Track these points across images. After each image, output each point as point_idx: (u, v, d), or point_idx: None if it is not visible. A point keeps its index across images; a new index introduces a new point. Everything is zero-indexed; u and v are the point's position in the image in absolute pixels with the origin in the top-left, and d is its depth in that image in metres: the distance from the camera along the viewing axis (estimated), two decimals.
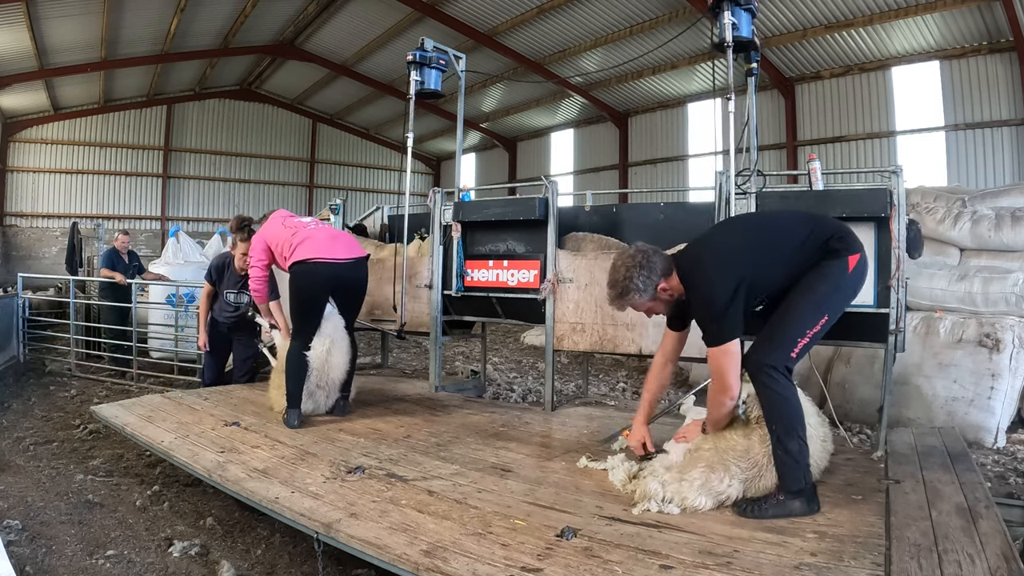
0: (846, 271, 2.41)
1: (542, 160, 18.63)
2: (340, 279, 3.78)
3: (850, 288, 2.47)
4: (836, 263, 2.42)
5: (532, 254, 4.21)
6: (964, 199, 5.99)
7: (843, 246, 2.43)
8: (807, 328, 2.38)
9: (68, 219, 15.01)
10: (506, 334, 10.74)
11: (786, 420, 2.33)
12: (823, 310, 2.40)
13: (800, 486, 2.32)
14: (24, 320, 7.70)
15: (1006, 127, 10.06)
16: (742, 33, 3.32)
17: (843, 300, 2.48)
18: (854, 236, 2.48)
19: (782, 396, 2.35)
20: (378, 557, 2.09)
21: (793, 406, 2.36)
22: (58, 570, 2.68)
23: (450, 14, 13.16)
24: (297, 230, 3.83)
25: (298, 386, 3.67)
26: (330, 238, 3.83)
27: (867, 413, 4.93)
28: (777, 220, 2.79)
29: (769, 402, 2.37)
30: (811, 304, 2.40)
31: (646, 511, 2.35)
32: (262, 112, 20.02)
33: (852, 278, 2.44)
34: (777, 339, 2.40)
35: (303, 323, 3.75)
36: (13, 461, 4.15)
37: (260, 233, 3.97)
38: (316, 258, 3.69)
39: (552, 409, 4.18)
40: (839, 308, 2.47)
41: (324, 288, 3.78)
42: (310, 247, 3.72)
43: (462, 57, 4.92)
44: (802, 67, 12.12)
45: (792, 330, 2.39)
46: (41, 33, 12.23)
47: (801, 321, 2.39)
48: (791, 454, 2.31)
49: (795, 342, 2.37)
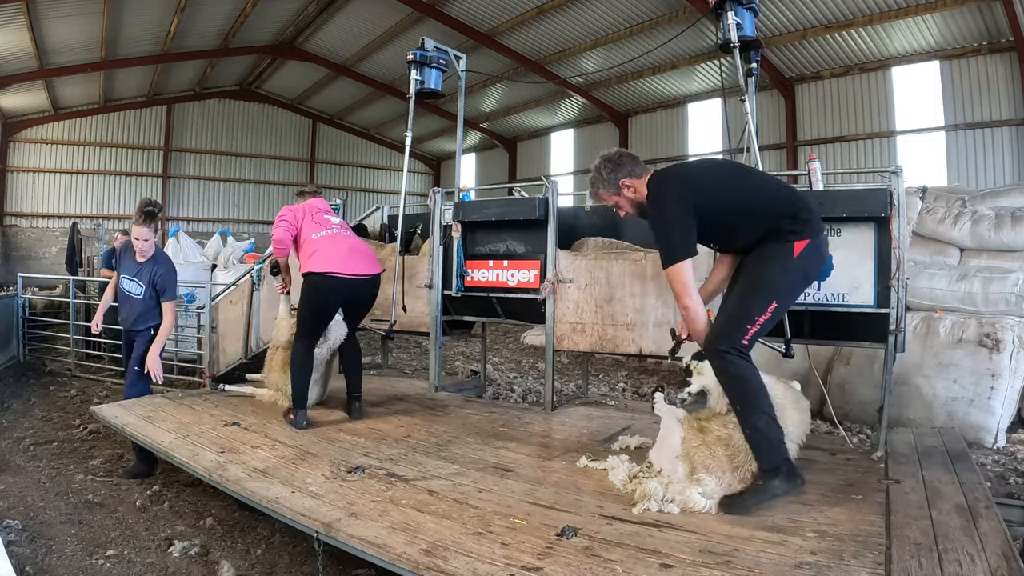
0: (791, 256, 2.43)
1: (542, 160, 18.64)
2: (354, 293, 3.79)
3: (798, 273, 2.48)
4: (782, 246, 2.44)
5: (532, 254, 4.21)
6: (964, 199, 5.99)
7: (795, 229, 2.44)
8: (755, 315, 2.42)
9: (68, 219, 15.03)
10: (506, 334, 10.74)
11: (748, 398, 2.38)
12: (770, 296, 2.43)
13: (775, 463, 2.35)
14: (24, 320, 7.70)
15: (1006, 127, 10.07)
16: (746, 32, 3.32)
17: (792, 286, 2.50)
18: (816, 223, 2.49)
19: (739, 376, 2.39)
20: (378, 556, 2.10)
21: (752, 384, 2.40)
22: (58, 570, 2.68)
23: (450, 14, 13.16)
24: (322, 229, 3.81)
25: (303, 386, 3.72)
26: (350, 250, 3.79)
27: (867, 413, 4.92)
28: (763, 177, 2.84)
29: (727, 384, 2.42)
30: (757, 291, 2.45)
31: (646, 510, 2.35)
32: (262, 112, 20.04)
33: (799, 263, 2.44)
34: (727, 326, 2.46)
35: (311, 328, 3.79)
36: (13, 461, 4.15)
37: (289, 206, 3.96)
38: (334, 273, 3.66)
39: (552, 409, 4.18)
40: (788, 294, 2.50)
41: (337, 302, 3.81)
42: (329, 259, 3.68)
43: (462, 57, 4.91)
44: (802, 67, 12.12)
45: (740, 317, 2.44)
46: (41, 33, 12.23)
47: (749, 308, 2.44)
48: (759, 431, 2.35)
49: (744, 329, 2.42)
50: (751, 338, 2.42)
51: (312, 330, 3.79)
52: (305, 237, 3.81)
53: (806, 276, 2.53)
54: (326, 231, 3.82)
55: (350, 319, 3.95)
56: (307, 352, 3.75)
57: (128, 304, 4.09)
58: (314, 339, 3.79)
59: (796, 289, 2.55)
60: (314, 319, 3.78)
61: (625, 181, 2.65)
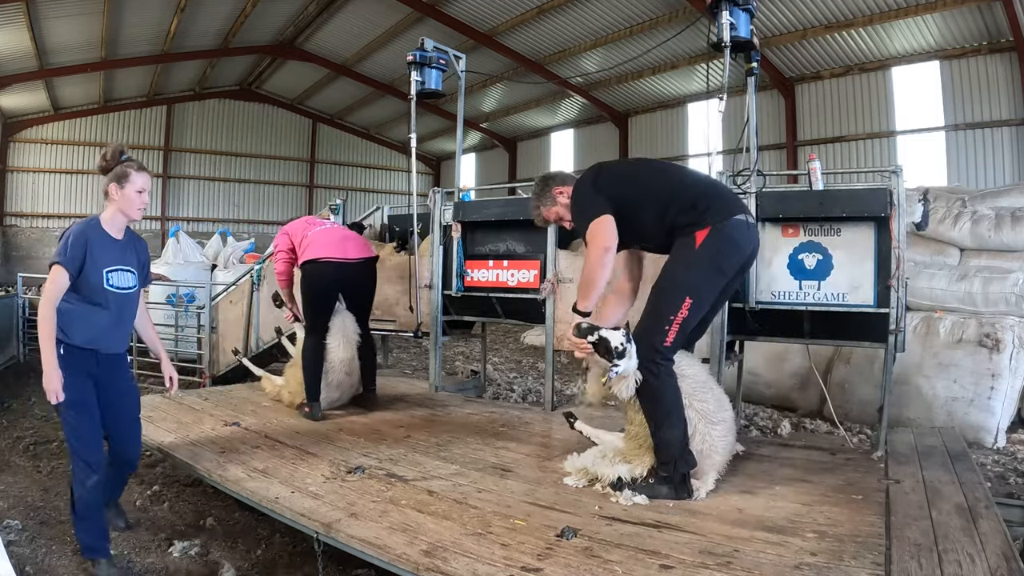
0: (692, 248, 2.41)
1: (542, 160, 18.62)
2: (347, 278, 3.97)
3: (706, 264, 2.43)
4: (685, 240, 2.45)
5: (532, 254, 4.21)
6: (964, 199, 5.98)
7: (694, 220, 2.43)
8: (670, 314, 2.42)
9: (68, 219, 15.02)
10: (506, 334, 10.73)
11: (662, 409, 2.42)
12: (681, 293, 2.42)
13: (669, 472, 2.42)
14: (24, 320, 7.71)
15: (1006, 127, 10.06)
16: (740, 33, 3.32)
17: (705, 278, 2.45)
18: (720, 209, 2.46)
19: (656, 387, 2.42)
20: (378, 557, 2.10)
21: (669, 396, 2.43)
22: (58, 570, 2.68)
23: (450, 14, 13.15)
24: (312, 228, 4.03)
25: (316, 379, 3.85)
26: (341, 238, 4.01)
27: (867, 413, 4.92)
28: (674, 173, 2.85)
29: (643, 393, 2.43)
30: (665, 290, 2.45)
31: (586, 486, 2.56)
32: (262, 112, 20.02)
33: (704, 253, 2.41)
34: (643, 333, 2.46)
35: (314, 318, 3.94)
36: (13, 461, 4.15)
37: (283, 228, 4.20)
38: (324, 257, 3.87)
39: (552, 409, 4.17)
40: (703, 287, 2.46)
41: (332, 286, 3.96)
42: (320, 246, 3.90)
43: (462, 57, 4.91)
44: (802, 67, 12.11)
45: (657, 317, 2.44)
46: (41, 33, 12.23)
47: (663, 308, 2.44)
48: (664, 440, 2.42)
49: (663, 331, 2.42)
50: (673, 340, 2.42)
51: (316, 321, 3.94)
52: (301, 240, 4.00)
53: (717, 266, 2.45)
54: (319, 227, 4.06)
55: (354, 308, 4.09)
56: (316, 346, 3.89)
57: (116, 311, 2.60)
58: (321, 332, 3.92)
59: (712, 281, 2.47)
60: (314, 308, 3.94)
61: (557, 189, 2.79)
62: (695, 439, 2.49)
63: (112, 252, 2.59)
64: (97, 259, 2.53)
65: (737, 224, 2.47)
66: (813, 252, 3.31)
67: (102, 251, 2.55)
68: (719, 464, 2.57)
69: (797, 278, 3.34)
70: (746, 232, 2.52)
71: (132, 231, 2.74)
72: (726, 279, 2.52)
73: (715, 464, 2.55)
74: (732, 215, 2.46)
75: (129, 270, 2.65)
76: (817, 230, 3.31)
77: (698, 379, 2.58)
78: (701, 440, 2.50)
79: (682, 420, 2.44)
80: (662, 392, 2.42)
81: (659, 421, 2.43)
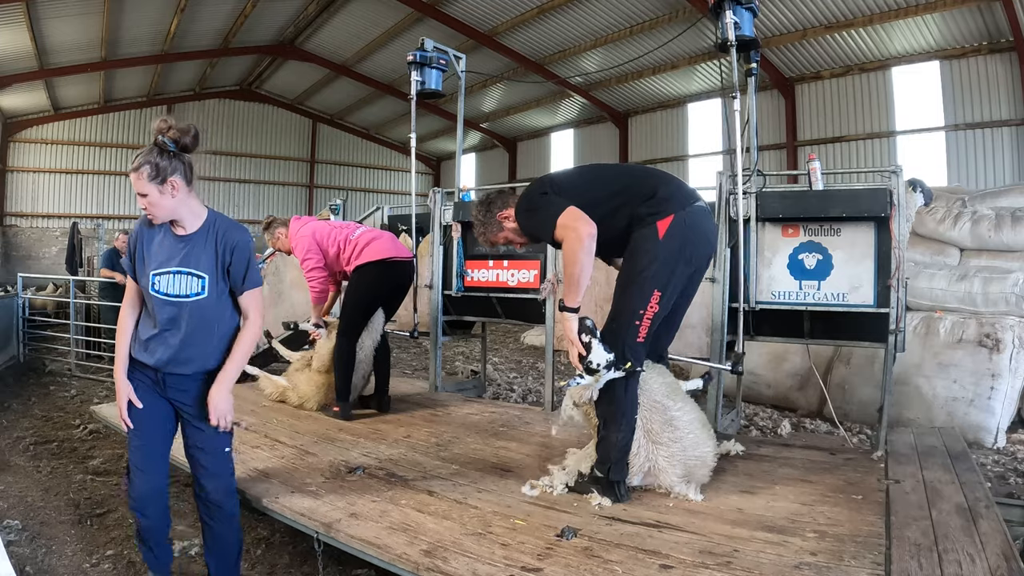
0: (656, 238, 2.33)
1: (542, 160, 18.63)
2: (404, 277, 4.00)
3: (671, 254, 2.34)
4: (645, 232, 2.36)
5: (532, 254, 4.20)
6: (964, 199, 5.99)
7: (655, 209, 2.35)
8: (639, 308, 2.36)
9: (68, 219, 15.02)
10: (506, 334, 10.73)
11: (617, 411, 2.41)
12: (650, 285, 2.34)
13: (603, 472, 2.43)
14: (24, 320, 7.71)
15: (1006, 127, 10.06)
16: (744, 32, 3.31)
17: (671, 269, 2.36)
18: (680, 197, 2.39)
19: (618, 390, 2.39)
20: (378, 557, 2.10)
21: (627, 402, 2.40)
22: (58, 570, 2.68)
23: (450, 14, 13.15)
24: (354, 229, 3.96)
25: (348, 380, 3.84)
26: (392, 239, 3.99)
27: (867, 413, 4.92)
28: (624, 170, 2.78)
29: (606, 389, 2.40)
30: (631, 284, 2.38)
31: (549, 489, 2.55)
32: (262, 112, 20.01)
33: (668, 243, 2.33)
34: (618, 327, 2.40)
35: (359, 321, 3.88)
36: (13, 461, 4.15)
37: (302, 232, 3.89)
38: (392, 258, 3.84)
39: (552, 409, 4.17)
40: (669, 278, 2.37)
41: (391, 287, 3.95)
42: (381, 248, 3.84)
43: (462, 57, 4.91)
44: (802, 67, 12.11)
45: (626, 315, 2.38)
46: (41, 33, 12.22)
47: (632, 303, 2.37)
48: (606, 442, 2.42)
49: (634, 325, 2.37)
50: (646, 332, 2.38)
51: (358, 323, 3.88)
52: (340, 242, 3.87)
53: (684, 256, 2.37)
54: (359, 229, 3.97)
55: (388, 309, 4.06)
56: (351, 346, 3.85)
57: (167, 322, 2.16)
58: (358, 333, 3.87)
59: (677, 272, 2.38)
60: (363, 310, 3.88)
61: (501, 214, 2.64)
62: (640, 456, 2.45)
63: (164, 251, 2.14)
64: (146, 259, 2.15)
65: (701, 211, 2.42)
66: (813, 252, 3.31)
67: (151, 250, 2.15)
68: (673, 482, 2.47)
69: (797, 278, 3.34)
70: (710, 220, 2.51)
71: (222, 223, 2.25)
72: (692, 269, 2.45)
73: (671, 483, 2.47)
74: (694, 202, 2.41)
75: (191, 272, 2.14)
76: (817, 230, 3.31)
77: (653, 397, 2.48)
78: (645, 458, 2.46)
79: (631, 429, 2.41)
80: (622, 395, 2.39)
81: (609, 421, 2.41)
